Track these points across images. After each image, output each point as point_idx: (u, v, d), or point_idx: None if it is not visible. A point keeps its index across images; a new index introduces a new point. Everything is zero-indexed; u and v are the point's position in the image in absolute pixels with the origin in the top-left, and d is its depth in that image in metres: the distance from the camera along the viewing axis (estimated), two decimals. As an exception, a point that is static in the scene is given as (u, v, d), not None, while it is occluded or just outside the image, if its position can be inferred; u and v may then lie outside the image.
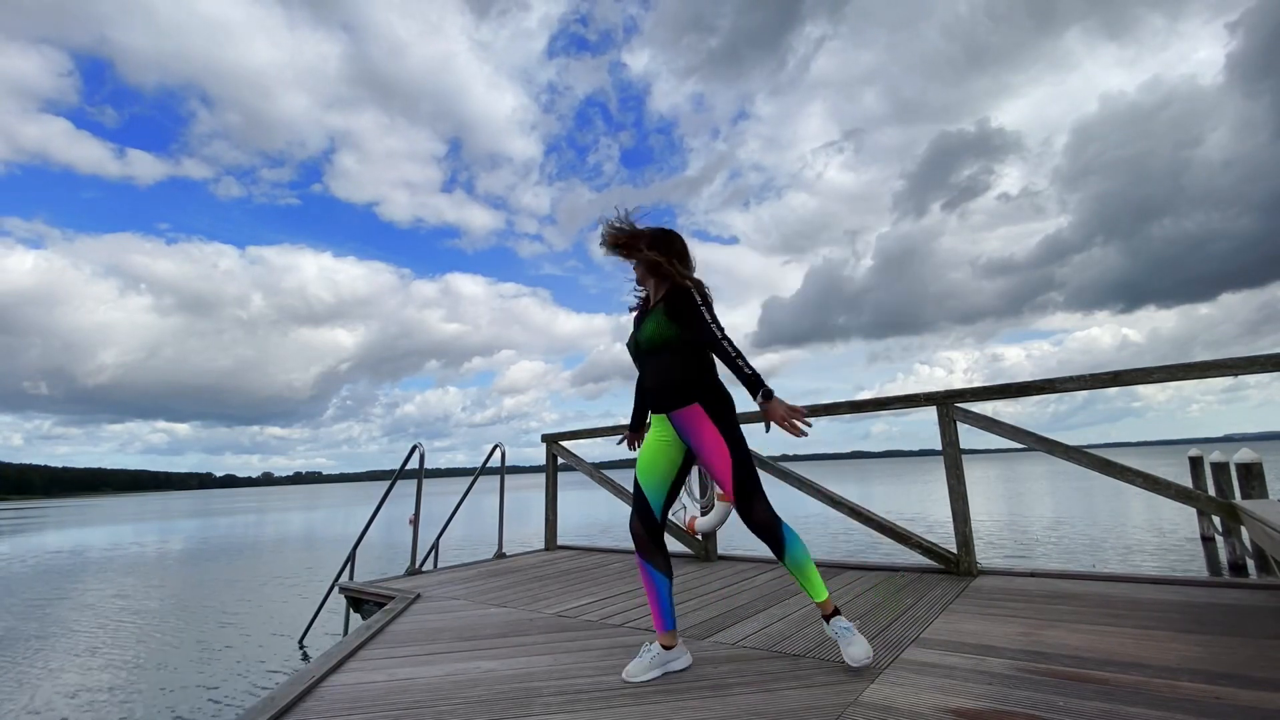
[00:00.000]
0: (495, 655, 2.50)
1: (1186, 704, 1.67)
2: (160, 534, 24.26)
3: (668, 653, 2.16)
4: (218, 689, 5.17)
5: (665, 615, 2.18)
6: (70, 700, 5.03)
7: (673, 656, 2.17)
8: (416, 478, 5.39)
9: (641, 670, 2.10)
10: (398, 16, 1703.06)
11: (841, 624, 2.11)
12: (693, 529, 4.62)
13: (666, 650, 2.17)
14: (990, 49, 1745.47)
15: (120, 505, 78.26)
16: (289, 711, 1.97)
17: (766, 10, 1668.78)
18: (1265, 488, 6.83)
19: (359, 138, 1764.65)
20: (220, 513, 40.60)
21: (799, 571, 2.12)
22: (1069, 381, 3.35)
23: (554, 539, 5.80)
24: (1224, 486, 9.13)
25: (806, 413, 1.96)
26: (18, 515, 56.64)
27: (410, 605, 3.51)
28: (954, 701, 1.78)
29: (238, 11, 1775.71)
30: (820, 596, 2.12)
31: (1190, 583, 3.05)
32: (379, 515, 5.41)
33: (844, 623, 2.11)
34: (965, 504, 3.61)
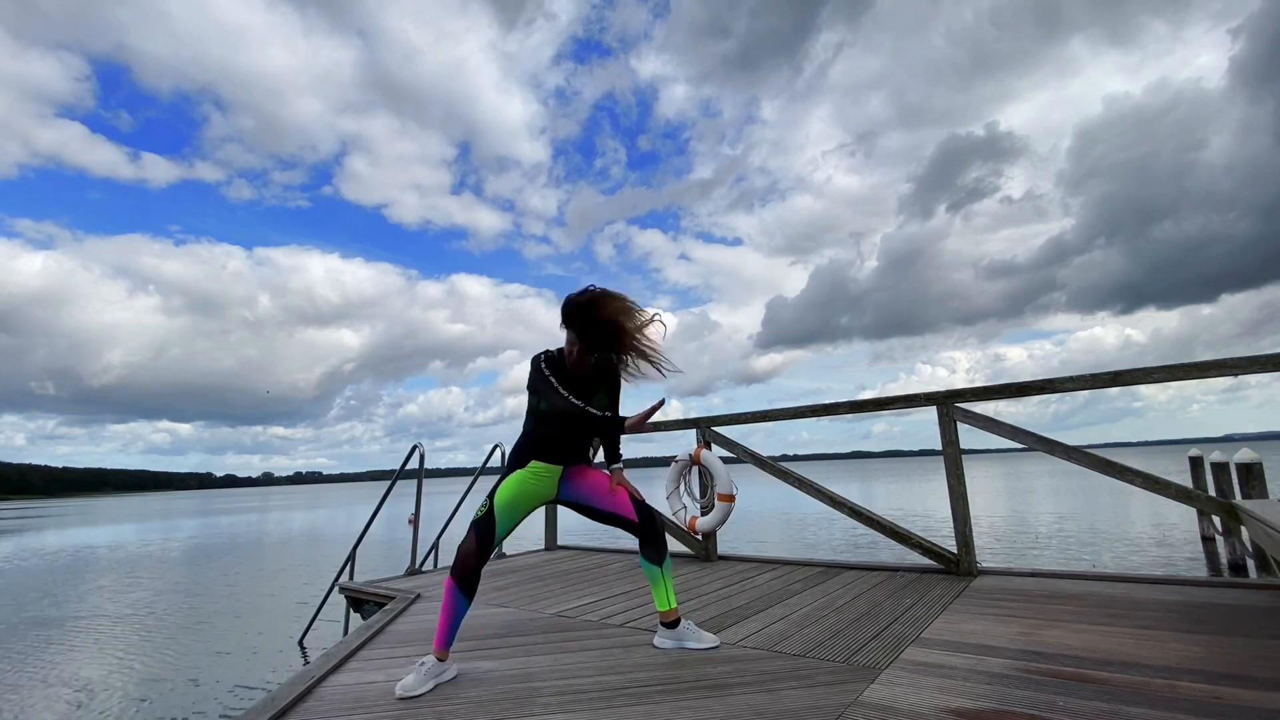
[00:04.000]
0: (495, 655, 2.50)
1: (1186, 704, 1.67)
2: (161, 534, 24.26)
3: (441, 664, 2.22)
4: (218, 689, 5.17)
5: (451, 637, 2.25)
6: (70, 699, 5.03)
7: (445, 667, 2.23)
8: (417, 477, 5.39)
9: (417, 683, 2.10)
10: (412, 23, 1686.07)
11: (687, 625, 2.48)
12: (693, 528, 4.61)
13: (440, 662, 2.22)
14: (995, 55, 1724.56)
15: (120, 505, 78.28)
16: (289, 711, 1.97)
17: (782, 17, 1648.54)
18: (1265, 488, 6.83)
19: (370, 141, 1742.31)
20: (220, 512, 40.61)
21: (664, 580, 2.46)
22: (1069, 381, 3.34)
23: (554, 539, 5.81)
24: (1224, 486, 9.13)
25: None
26: (18, 515, 56.64)
27: (410, 605, 3.51)
28: (954, 701, 1.78)
29: (255, 18, 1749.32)
30: (670, 605, 2.46)
31: (1190, 583, 3.05)
32: (379, 515, 5.41)
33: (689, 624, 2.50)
34: (965, 504, 3.61)
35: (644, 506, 2.48)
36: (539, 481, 2.46)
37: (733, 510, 4.51)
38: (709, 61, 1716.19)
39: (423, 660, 2.20)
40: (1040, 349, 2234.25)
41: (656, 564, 2.45)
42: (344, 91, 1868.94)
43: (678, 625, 2.47)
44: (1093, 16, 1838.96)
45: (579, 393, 2.47)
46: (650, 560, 2.46)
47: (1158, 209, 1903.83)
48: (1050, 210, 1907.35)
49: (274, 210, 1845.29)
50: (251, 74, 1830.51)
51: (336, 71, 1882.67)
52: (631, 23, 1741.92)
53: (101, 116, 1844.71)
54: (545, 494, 2.50)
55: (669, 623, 2.47)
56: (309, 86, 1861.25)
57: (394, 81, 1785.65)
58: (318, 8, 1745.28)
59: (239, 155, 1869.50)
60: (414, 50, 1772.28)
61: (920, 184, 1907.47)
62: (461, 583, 2.25)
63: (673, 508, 4.81)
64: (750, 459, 4.58)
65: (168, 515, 41.03)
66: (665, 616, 2.48)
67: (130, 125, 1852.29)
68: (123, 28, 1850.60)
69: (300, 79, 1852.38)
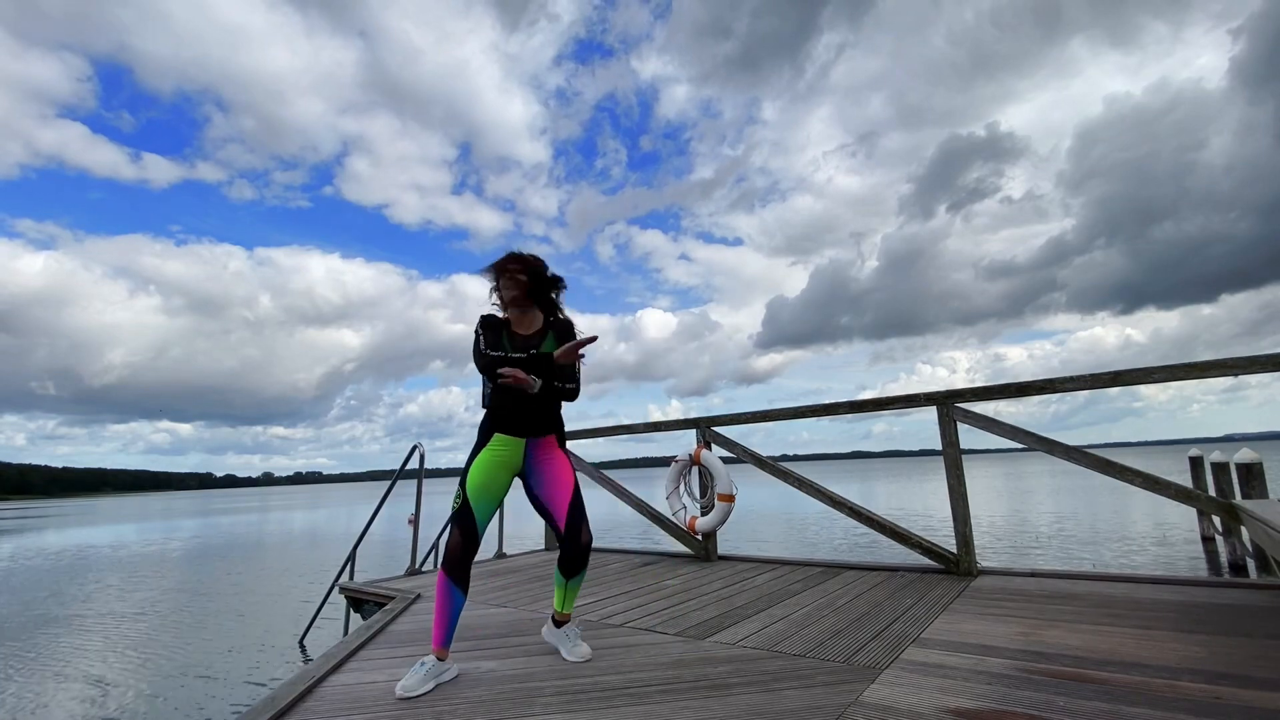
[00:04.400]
0: (495, 655, 2.50)
1: (1186, 704, 1.67)
2: (161, 534, 24.26)
3: (441, 664, 2.20)
4: (218, 689, 5.17)
5: (449, 633, 2.23)
6: (70, 699, 5.03)
7: (445, 667, 2.21)
8: (417, 477, 5.39)
9: (417, 684, 2.08)
10: (413, 24, 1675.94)
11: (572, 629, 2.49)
12: (693, 528, 4.62)
13: (440, 662, 2.20)
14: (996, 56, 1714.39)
15: (120, 505, 78.29)
16: (289, 711, 1.96)
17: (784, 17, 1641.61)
18: (1265, 488, 6.83)
19: (371, 142, 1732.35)
20: (220, 512, 40.62)
21: (573, 590, 2.45)
22: (1069, 381, 3.34)
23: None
24: (1224, 486, 9.13)
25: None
26: (18, 515, 56.66)
27: (410, 605, 3.50)
28: (954, 701, 1.78)
29: (257, 18, 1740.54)
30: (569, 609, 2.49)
31: (1190, 583, 3.05)
32: (379, 515, 5.41)
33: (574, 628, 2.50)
34: (965, 504, 3.61)
35: (576, 516, 2.35)
36: (503, 456, 2.37)
37: (733, 510, 4.52)
38: (710, 62, 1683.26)
39: (423, 660, 2.19)
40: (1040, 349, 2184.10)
41: (564, 575, 2.42)
42: (345, 92, 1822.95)
43: (562, 627, 2.49)
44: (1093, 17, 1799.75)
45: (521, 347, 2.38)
46: (561, 571, 2.42)
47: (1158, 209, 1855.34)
48: (1050, 210, 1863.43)
49: (275, 210, 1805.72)
50: (253, 74, 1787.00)
51: (338, 72, 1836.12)
52: (633, 23, 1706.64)
53: (103, 117, 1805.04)
54: (510, 466, 2.39)
55: (558, 621, 2.50)
56: (310, 87, 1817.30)
57: (395, 82, 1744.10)
58: (319, 8, 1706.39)
59: (240, 155, 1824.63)
60: (415, 51, 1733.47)
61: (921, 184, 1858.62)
62: (453, 575, 2.22)
63: (673, 508, 4.82)
64: (750, 459, 4.58)
65: (168, 515, 41.04)
66: (558, 616, 2.50)
67: (132, 126, 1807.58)
68: (125, 28, 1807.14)
69: (302, 79, 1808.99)
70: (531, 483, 2.43)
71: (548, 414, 2.43)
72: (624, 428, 5.55)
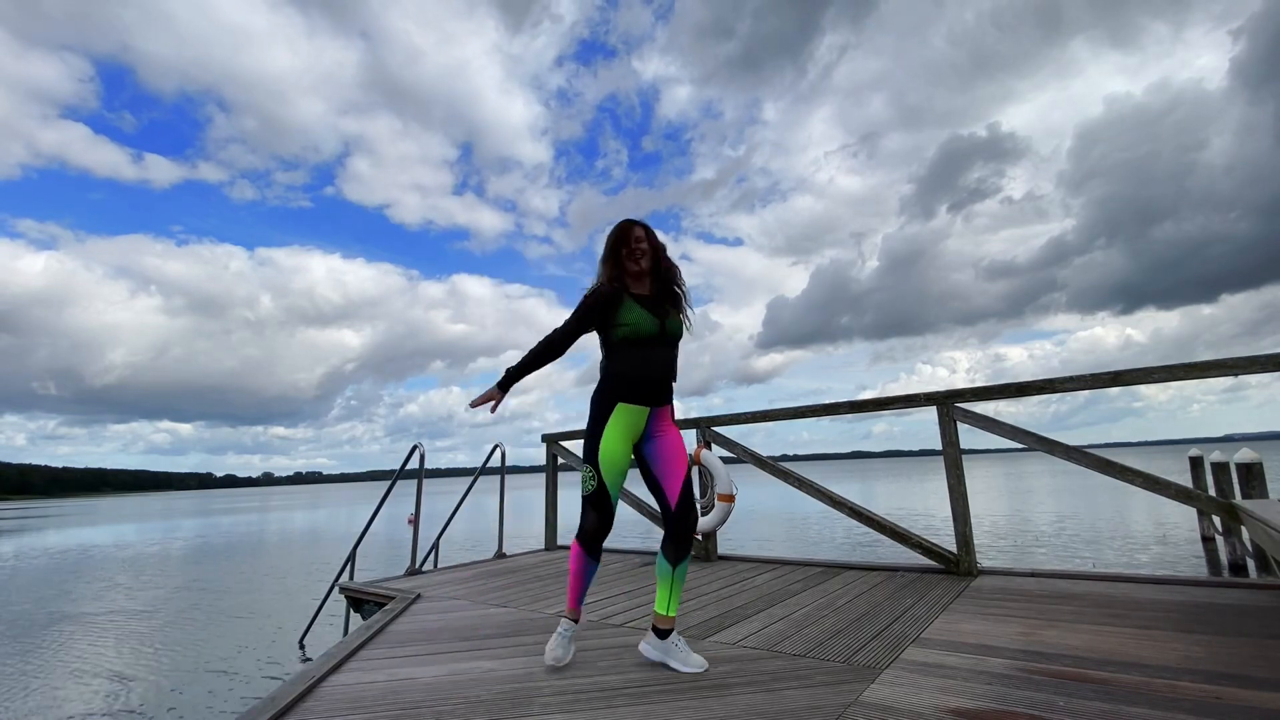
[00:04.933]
0: (495, 655, 2.50)
1: (1187, 704, 1.67)
2: (161, 534, 24.27)
3: (575, 625, 2.33)
4: (218, 688, 5.17)
5: (583, 596, 2.34)
6: (70, 698, 5.03)
7: (577, 627, 2.34)
8: (417, 478, 5.39)
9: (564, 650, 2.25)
10: (415, 25, 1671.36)
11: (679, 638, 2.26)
12: (693, 529, 4.61)
13: (574, 623, 2.33)
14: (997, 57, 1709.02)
15: (121, 505, 78.31)
16: (289, 711, 1.96)
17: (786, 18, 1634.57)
18: (1265, 488, 6.83)
19: (373, 142, 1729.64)
20: (220, 512, 40.63)
21: (674, 583, 2.24)
22: (1069, 381, 3.34)
23: (554, 539, 5.80)
24: (1224, 486, 9.13)
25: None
26: (19, 515, 56.67)
27: (410, 605, 3.51)
28: (954, 701, 1.78)
29: (259, 20, 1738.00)
30: (671, 612, 2.25)
31: (1190, 583, 3.05)
32: (379, 515, 5.41)
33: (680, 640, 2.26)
34: (965, 504, 3.61)
35: (688, 496, 2.24)
36: (629, 427, 2.25)
37: (733, 510, 4.51)
38: (712, 63, 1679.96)
39: (561, 628, 2.29)
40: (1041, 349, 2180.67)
41: (672, 564, 2.22)
42: (347, 92, 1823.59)
43: (668, 637, 2.24)
44: (1094, 18, 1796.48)
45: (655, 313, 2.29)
46: (667, 557, 2.22)
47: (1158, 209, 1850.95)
48: (1051, 211, 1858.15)
49: (276, 211, 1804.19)
50: (255, 75, 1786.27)
51: (339, 73, 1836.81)
52: (635, 24, 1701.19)
53: (105, 117, 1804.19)
54: (636, 438, 2.30)
55: (662, 630, 2.25)
56: (312, 88, 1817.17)
57: (397, 82, 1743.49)
58: (321, 10, 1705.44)
59: (242, 156, 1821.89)
60: (417, 51, 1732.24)
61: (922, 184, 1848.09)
62: (589, 549, 2.25)
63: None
64: (750, 459, 4.58)
65: (168, 515, 41.05)
66: (660, 622, 2.25)
67: (134, 126, 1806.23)
68: (127, 29, 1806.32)
69: (303, 80, 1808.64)
70: (647, 453, 2.30)
71: (671, 381, 2.35)
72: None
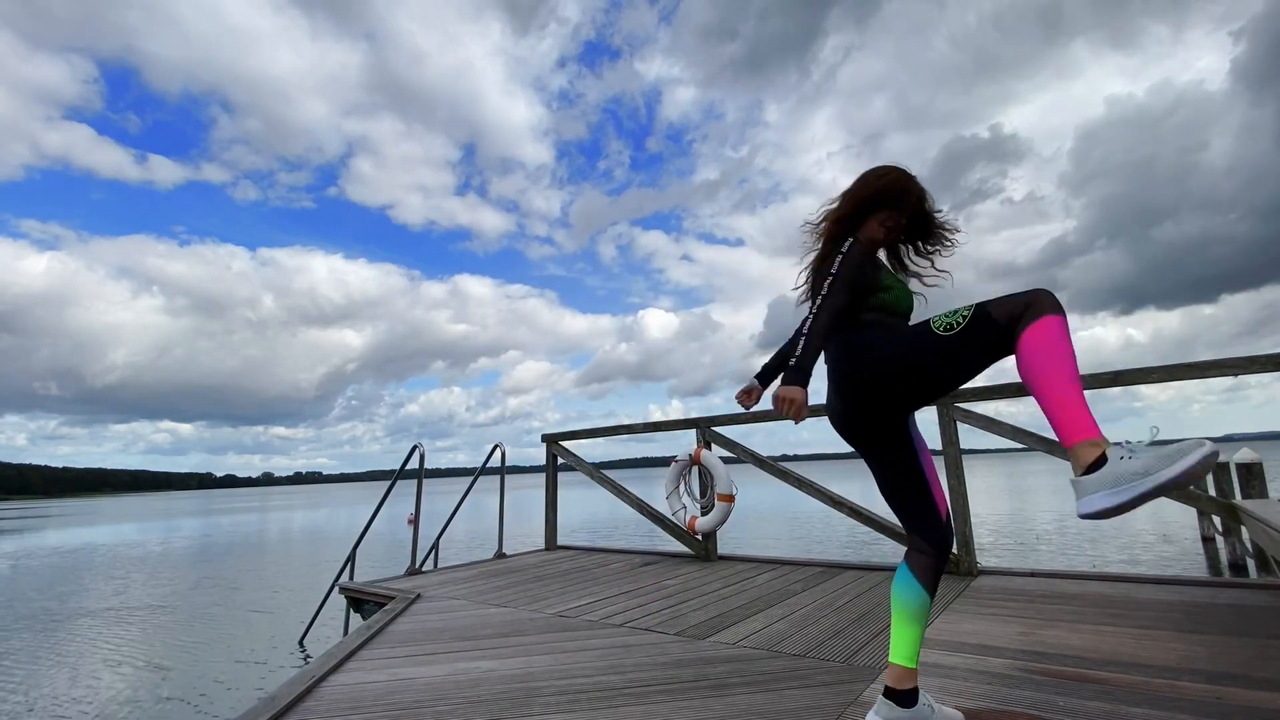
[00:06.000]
0: (495, 655, 2.50)
1: (1187, 704, 1.67)
2: (161, 534, 24.27)
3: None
4: (218, 689, 5.17)
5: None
6: (70, 698, 5.03)
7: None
8: (417, 478, 5.39)
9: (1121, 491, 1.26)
10: (419, 26, 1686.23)
11: (926, 697, 1.60)
12: (693, 528, 4.62)
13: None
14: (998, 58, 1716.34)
15: (121, 506, 78.32)
16: (289, 711, 1.97)
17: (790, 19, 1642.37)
18: (1265, 488, 6.84)
19: (376, 143, 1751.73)
20: (221, 512, 40.64)
21: (921, 622, 1.61)
22: (1069, 381, 3.34)
23: (554, 539, 5.80)
24: (1224, 486, 9.14)
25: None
26: (19, 515, 56.70)
27: (410, 605, 3.51)
28: (954, 701, 1.78)
29: (263, 21, 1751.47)
30: (912, 664, 1.57)
31: (1190, 583, 3.05)
32: (379, 515, 5.41)
33: (928, 700, 1.60)
34: (965, 504, 3.61)
35: (949, 512, 1.70)
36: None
37: (733, 510, 4.52)
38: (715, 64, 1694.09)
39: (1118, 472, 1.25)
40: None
41: (930, 593, 1.60)
42: (350, 94, 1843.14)
43: (916, 700, 1.55)
44: (1095, 20, 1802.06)
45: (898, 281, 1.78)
46: (925, 583, 1.60)
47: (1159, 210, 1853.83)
48: (1052, 212, 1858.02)
49: (279, 211, 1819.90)
50: (259, 76, 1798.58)
51: (343, 74, 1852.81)
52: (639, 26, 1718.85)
53: (110, 119, 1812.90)
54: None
55: (902, 690, 1.55)
56: (316, 89, 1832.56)
57: (400, 84, 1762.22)
58: (326, 11, 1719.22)
59: (245, 157, 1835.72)
60: (421, 53, 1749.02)
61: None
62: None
63: (673, 508, 4.82)
64: (750, 459, 4.58)
65: (170, 515, 41.05)
66: (900, 678, 1.56)
67: (138, 127, 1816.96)
68: (132, 30, 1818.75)
69: (307, 81, 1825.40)
70: (913, 449, 1.68)
71: None
72: (624, 428, 5.56)
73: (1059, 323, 1.40)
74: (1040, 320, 1.40)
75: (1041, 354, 1.38)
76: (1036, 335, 1.39)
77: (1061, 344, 1.38)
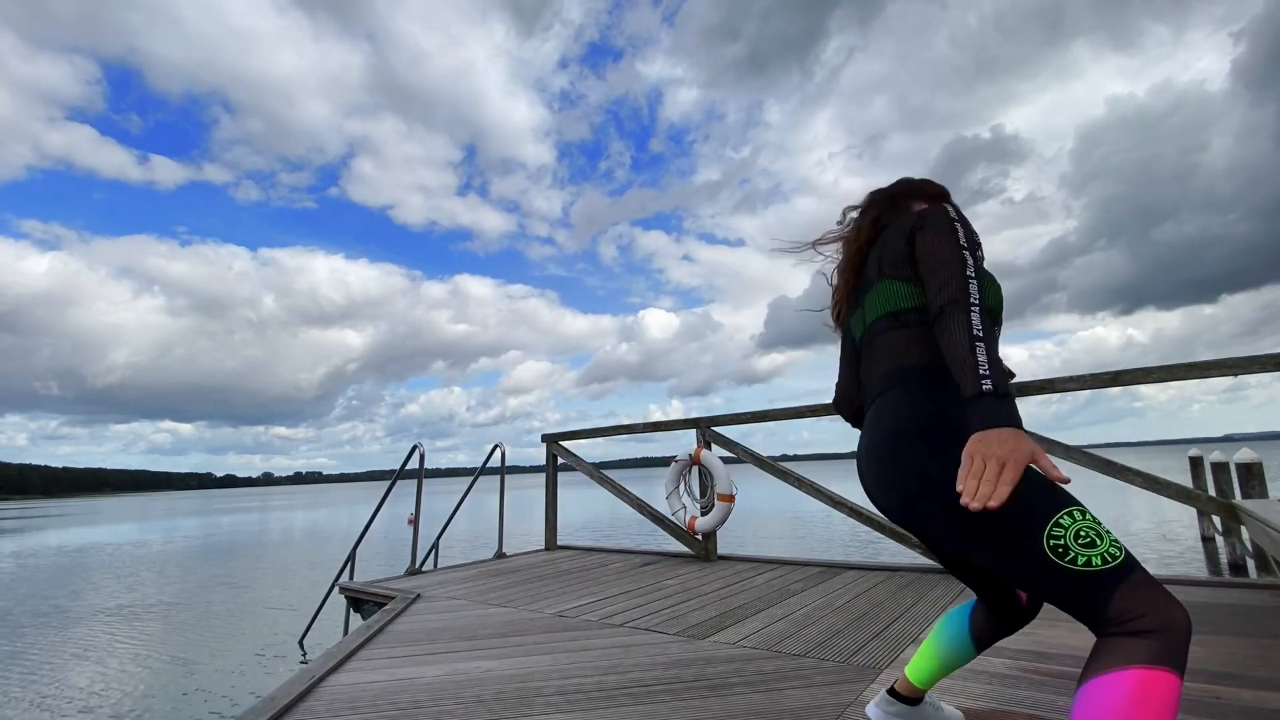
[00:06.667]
0: (495, 655, 2.50)
1: (1187, 704, 1.67)
2: (161, 534, 24.27)
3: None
4: (217, 689, 5.17)
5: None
6: (69, 698, 5.03)
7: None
8: (417, 478, 5.39)
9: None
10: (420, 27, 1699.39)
11: (933, 699, 1.59)
12: (693, 528, 4.62)
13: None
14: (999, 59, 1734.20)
15: (122, 506, 78.33)
16: (289, 711, 1.96)
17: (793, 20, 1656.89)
18: (1265, 488, 6.84)
19: (377, 144, 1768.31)
20: (221, 512, 40.63)
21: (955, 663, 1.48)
22: (1068, 381, 3.34)
23: (554, 539, 5.80)
24: (1224, 486, 9.14)
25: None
26: (20, 515, 56.69)
27: (410, 605, 3.50)
28: (954, 701, 1.77)
29: (265, 22, 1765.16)
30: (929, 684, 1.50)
31: (1190, 583, 3.05)
32: (379, 515, 5.41)
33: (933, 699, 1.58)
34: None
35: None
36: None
37: (733, 510, 4.52)
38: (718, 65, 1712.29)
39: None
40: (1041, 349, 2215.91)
41: (978, 648, 1.45)
42: (352, 94, 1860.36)
43: (919, 703, 1.53)
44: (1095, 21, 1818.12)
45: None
46: (977, 637, 1.44)
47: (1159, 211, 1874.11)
48: (1052, 212, 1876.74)
49: (280, 211, 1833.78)
50: (261, 77, 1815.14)
51: (345, 75, 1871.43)
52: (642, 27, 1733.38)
53: (112, 119, 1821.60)
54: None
55: (908, 697, 1.52)
56: (318, 89, 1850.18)
57: (402, 85, 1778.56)
58: (328, 12, 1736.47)
59: (247, 157, 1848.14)
60: (422, 54, 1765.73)
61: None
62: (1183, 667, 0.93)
63: (673, 508, 4.82)
64: (750, 459, 4.58)
65: (171, 515, 41.05)
66: (910, 690, 1.51)
67: (140, 127, 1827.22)
68: (134, 31, 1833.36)
69: (309, 82, 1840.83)
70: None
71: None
72: (624, 428, 5.56)
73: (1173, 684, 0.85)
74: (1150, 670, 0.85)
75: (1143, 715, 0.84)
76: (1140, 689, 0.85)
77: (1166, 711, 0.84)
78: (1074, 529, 0.96)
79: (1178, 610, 0.90)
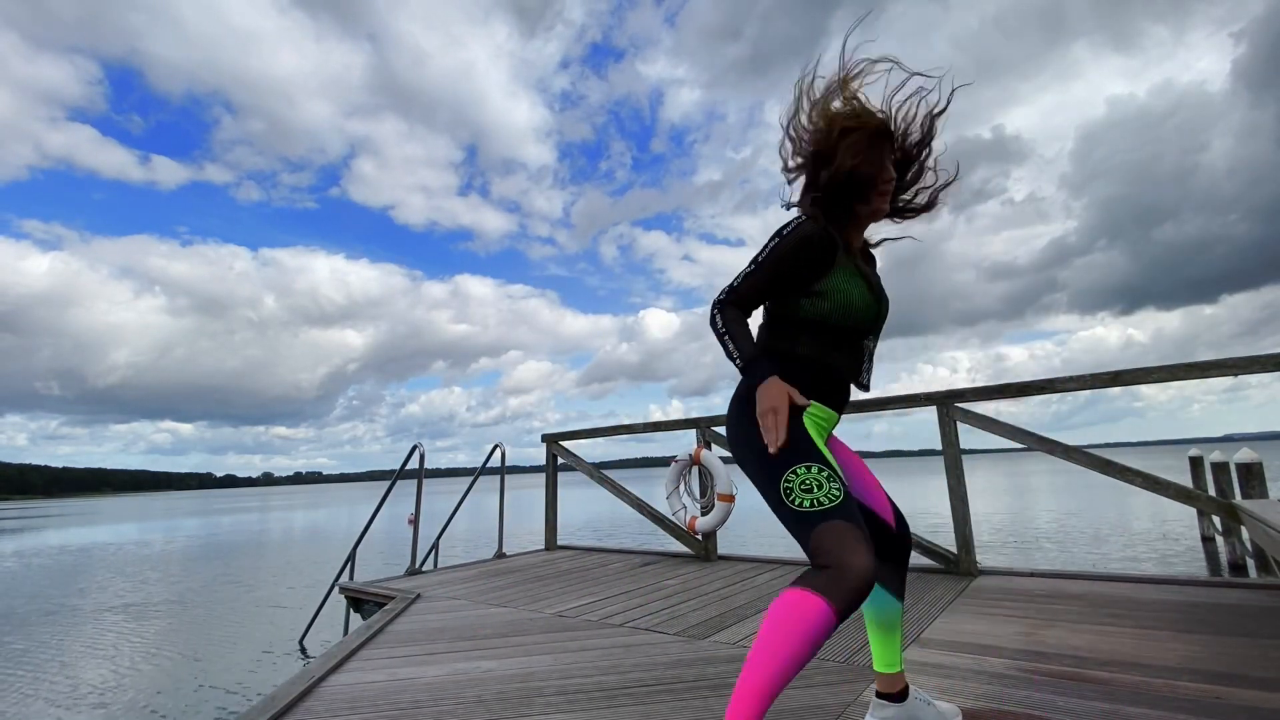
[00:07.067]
0: (495, 655, 2.50)
1: (1187, 704, 1.67)
2: (162, 534, 24.28)
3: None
4: (217, 688, 5.17)
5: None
6: (69, 698, 5.04)
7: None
8: (417, 478, 5.39)
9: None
10: (421, 28, 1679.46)
11: (921, 694, 1.62)
12: (693, 528, 4.61)
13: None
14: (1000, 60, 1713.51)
15: (123, 506, 78.35)
16: (289, 711, 1.97)
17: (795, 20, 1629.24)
18: (1265, 488, 6.84)
19: (378, 144, 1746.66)
20: (222, 512, 40.63)
21: (899, 628, 1.59)
22: (1069, 381, 3.34)
23: (554, 539, 5.80)
24: (1224, 486, 9.14)
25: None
26: (20, 515, 56.69)
27: (410, 605, 3.51)
28: (954, 701, 1.78)
29: (267, 23, 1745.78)
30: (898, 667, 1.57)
31: (1190, 583, 3.05)
32: (379, 515, 5.41)
33: (921, 694, 1.62)
34: (965, 504, 3.60)
35: (900, 514, 1.61)
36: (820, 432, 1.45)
37: (732, 510, 4.51)
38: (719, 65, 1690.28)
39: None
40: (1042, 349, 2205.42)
41: (899, 599, 1.56)
42: (353, 95, 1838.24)
43: (907, 695, 1.56)
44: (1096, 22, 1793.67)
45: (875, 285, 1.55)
46: (893, 591, 1.56)
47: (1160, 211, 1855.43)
48: (1052, 212, 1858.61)
49: (281, 211, 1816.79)
50: (262, 78, 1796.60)
51: (346, 75, 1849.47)
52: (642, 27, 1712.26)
53: (113, 119, 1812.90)
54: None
55: (893, 692, 1.56)
56: (319, 90, 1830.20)
57: (403, 85, 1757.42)
58: (329, 13, 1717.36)
59: (248, 157, 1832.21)
60: (423, 55, 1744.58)
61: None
62: (854, 600, 1.17)
63: (673, 508, 4.81)
64: (750, 459, 4.57)
65: (171, 515, 41.05)
66: (888, 683, 1.56)
67: (141, 128, 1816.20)
68: (136, 32, 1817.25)
69: (310, 82, 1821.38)
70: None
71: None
72: (624, 428, 5.56)
73: (819, 609, 1.14)
74: (807, 591, 1.17)
75: (777, 627, 1.17)
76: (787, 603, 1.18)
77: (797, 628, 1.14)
78: (801, 479, 1.30)
79: (856, 558, 1.18)
